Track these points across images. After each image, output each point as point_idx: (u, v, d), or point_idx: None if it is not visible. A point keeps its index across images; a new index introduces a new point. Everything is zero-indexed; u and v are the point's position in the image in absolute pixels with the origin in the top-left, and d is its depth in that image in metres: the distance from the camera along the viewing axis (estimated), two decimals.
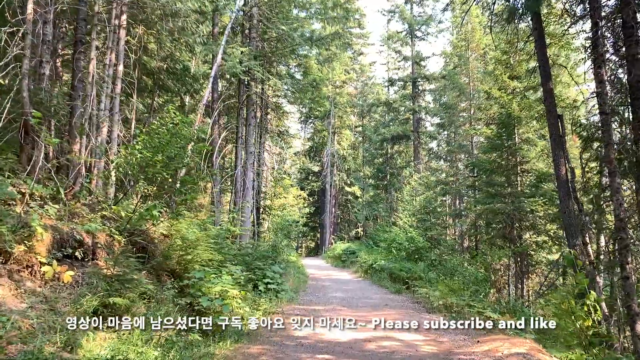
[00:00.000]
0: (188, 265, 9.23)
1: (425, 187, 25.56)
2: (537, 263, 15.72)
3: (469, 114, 24.28)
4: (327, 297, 13.59)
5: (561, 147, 13.42)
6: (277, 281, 12.26)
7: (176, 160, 8.67)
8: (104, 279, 6.47)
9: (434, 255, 18.54)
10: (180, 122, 9.60)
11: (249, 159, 15.54)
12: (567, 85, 20.75)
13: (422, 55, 36.66)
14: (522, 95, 19.29)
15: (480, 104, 22.07)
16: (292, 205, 26.61)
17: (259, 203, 20.49)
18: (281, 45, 16.98)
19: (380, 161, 38.76)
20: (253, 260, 12.61)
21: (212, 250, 10.12)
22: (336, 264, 27.63)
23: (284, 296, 12.17)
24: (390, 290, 15.40)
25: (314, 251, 48.57)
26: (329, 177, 41.26)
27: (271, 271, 12.39)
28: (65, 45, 13.02)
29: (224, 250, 10.86)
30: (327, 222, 40.69)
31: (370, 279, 18.97)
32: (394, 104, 36.75)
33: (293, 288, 14.91)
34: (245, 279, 10.58)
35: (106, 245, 7.97)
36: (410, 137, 35.56)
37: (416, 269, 16.20)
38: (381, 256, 21.17)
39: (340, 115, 42.78)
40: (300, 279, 16.85)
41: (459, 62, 25.89)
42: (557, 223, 14.58)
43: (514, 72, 20.35)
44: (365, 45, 48.27)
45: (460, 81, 24.77)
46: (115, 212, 8.57)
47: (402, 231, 22.80)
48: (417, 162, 34.77)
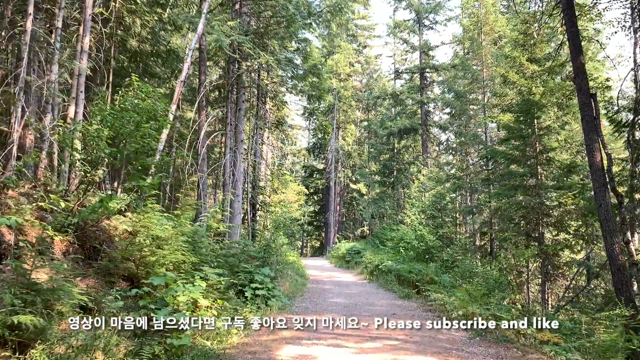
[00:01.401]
0: (151, 268, 7.52)
1: (435, 181, 23.73)
2: (565, 264, 13.87)
3: (483, 102, 22.42)
4: (326, 304, 11.84)
5: (595, 130, 11.62)
6: (267, 286, 10.52)
7: (132, 137, 6.96)
8: (9, 289, 4.75)
9: (447, 255, 16.74)
10: (146, 96, 7.90)
11: (239, 148, 13.82)
12: (594, 67, 18.89)
13: (431, 45, 34.77)
14: (541, 80, 17.43)
15: (496, 90, 20.21)
16: (292, 201, 24.89)
17: (254, 199, 18.77)
18: (275, 21, 15.25)
19: (386, 157, 36.84)
20: (240, 262, 10.89)
21: (184, 250, 8.41)
22: (340, 264, 25.87)
23: (275, 303, 10.44)
24: (399, 294, 13.64)
25: (319, 251, 46.79)
26: (333, 173, 39.48)
27: (261, 274, 10.65)
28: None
29: (202, 251, 9.16)
30: (332, 220, 38.91)
31: (376, 281, 17.21)
32: (401, 95, 34.85)
33: (289, 292, 13.18)
34: (226, 284, 8.86)
35: (38, 244, 6.26)
36: (418, 131, 33.65)
37: (427, 270, 14.42)
38: (388, 256, 19.40)
39: (344, 110, 40.97)
40: (298, 282, 15.11)
41: (471, 46, 24.01)
42: (591, 218, 12.72)
43: (533, 54, 18.55)
44: (370, 38, 46.48)
45: (473, 67, 22.91)
46: (55, 203, 6.88)
47: (411, 229, 21.03)
48: (426, 156, 32.91)
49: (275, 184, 19.87)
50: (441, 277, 13.43)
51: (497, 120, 18.67)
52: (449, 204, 23.68)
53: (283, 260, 18.18)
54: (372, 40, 46.83)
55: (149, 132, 7.66)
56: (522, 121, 14.88)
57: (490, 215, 21.30)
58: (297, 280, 15.24)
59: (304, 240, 56.19)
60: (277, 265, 14.69)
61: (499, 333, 7.99)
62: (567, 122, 18.81)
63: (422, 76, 34.94)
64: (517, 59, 18.42)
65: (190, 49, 10.93)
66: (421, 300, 12.49)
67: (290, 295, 13.03)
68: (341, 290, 15.08)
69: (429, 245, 18.14)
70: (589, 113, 11.66)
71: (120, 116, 7.19)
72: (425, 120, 33.94)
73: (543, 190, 13.23)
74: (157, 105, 7.66)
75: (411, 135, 35.31)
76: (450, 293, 11.40)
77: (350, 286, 16.41)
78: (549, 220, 13.56)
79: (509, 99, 18.94)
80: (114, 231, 8.56)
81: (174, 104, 10.53)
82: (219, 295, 8.34)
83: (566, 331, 7.62)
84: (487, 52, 22.47)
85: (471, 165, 24.67)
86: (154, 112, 7.61)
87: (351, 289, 15.40)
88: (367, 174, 39.56)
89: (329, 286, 16.23)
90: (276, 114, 22.60)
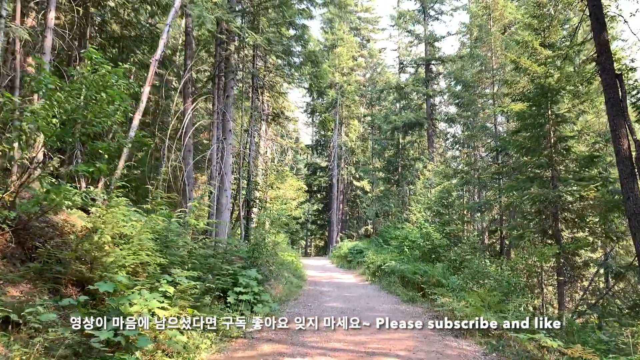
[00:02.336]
0: (108, 271, 6.35)
1: (442, 176, 22.45)
2: (585, 264, 12.58)
3: (492, 91, 21.12)
4: (321, 310, 10.65)
5: (621, 115, 10.37)
6: (252, 290, 9.34)
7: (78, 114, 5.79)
8: None
9: (454, 255, 15.48)
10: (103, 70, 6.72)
11: (227, 138, 12.64)
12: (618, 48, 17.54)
13: (437, 36, 33.45)
14: (555, 66, 16.12)
15: (506, 78, 18.91)
16: (291, 198, 23.67)
17: (249, 195, 17.60)
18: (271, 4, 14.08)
19: (391, 153, 35.50)
20: (223, 262, 9.71)
21: (152, 249, 7.25)
22: (341, 264, 24.65)
23: (262, 310, 9.26)
24: (402, 298, 12.43)
25: (323, 250, 45.51)
26: (336, 170, 38.25)
27: (246, 277, 9.47)
28: None
29: (175, 251, 7.98)
30: (334, 219, 37.68)
31: (378, 283, 16.00)
32: (406, 88, 33.50)
33: (282, 296, 12.00)
34: (201, 289, 7.68)
35: None
36: (423, 125, 32.32)
37: (434, 271, 13.19)
38: (391, 256, 18.17)
39: (347, 105, 39.68)
40: (293, 285, 13.93)
41: (479, 34, 22.70)
42: (615, 212, 11.42)
43: (547, 38, 17.28)
44: (374, 31, 45.24)
45: (482, 54, 21.61)
46: None
47: (416, 227, 19.79)
48: (432, 150, 31.62)
49: (271, 179, 18.64)
50: (449, 278, 12.20)
51: (508, 109, 17.40)
52: (456, 200, 22.40)
53: (278, 260, 17.01)
54: (376, 33, 45.57)
55: (106, 112, 6.48)
56: (536, 108, 13.59)
57: (501, 212, 20.02)
58: (292, 283, 14.07)
59: (307, 239, 55.00)
60: (270, 265, 13.52)
61: (519, 347, 6.77)
62: (583, 111, 17.53)
63: (427, 68, 33.65)
64: (530, 43, 17.17)
65: (166, 24, 9.75)
66: (427, 304, 11.27)
67: (283, 299, 11.85)
68: (340, 293, 13.88)
69: (435, 244, 16.91)
70: (613, 95, 10.44)
71: (69, 90, 6.03)
72: (431, 114, 32.65)
73: (561, 183, 11.93)
74: (116, 79, 6.47)
75: (416, 130, 33.98)
76: (460, 297, 10.18)
77: (350, 288, 15.22)
78: (567, 215, 12.27)
79: (520, 86, 17.66)
80: (70, 228, 7.41)
81: (147, 85, 9.36)
82: (190, 302, 7.17)
83: (601, 345, 6.39)
84: (497, 39, 21.17)
85: (479, 160, 23.37)
86: (112, 88, 6.43)
87: (351, 292, 14.21)
88: (371, 170, 38.30)
89: (327, 288, 15.04)
90: (273, 105, 21.40)
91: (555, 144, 12.85)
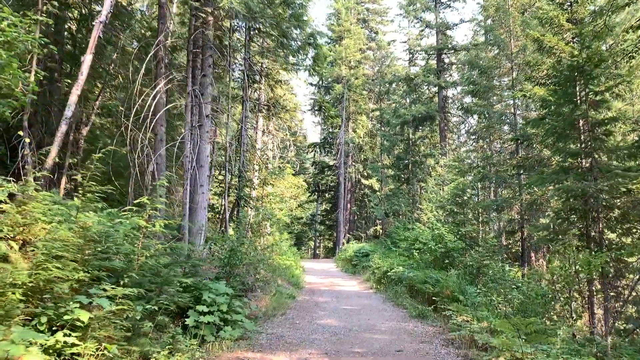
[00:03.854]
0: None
1: (455, 172, 20.38)
2: (630, 271, 10.48)
3: (512, 77, 19.01)
4: (311, 329, 8.71)
5: None
6: (220, 308, 7.44)
7: None
8: None
9: (471, 260, 13.44)
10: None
11: (203, 125, 10.78)
12: None
13: (449, 23, 31.33)
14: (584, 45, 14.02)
15: (528, 60, 16.80)
16: (289, 196, 21.79)
17: (239, 192, 15.74)
18: None
19: (400, 149, 33.33)
20: (184, 275, 7.83)
21: (72, 259, 5.40)
22: (346, 268, 22.69)
23: (231, 333, 7.35)
24: (410, 312, 10.44)
25: (332, 252, 43.51)
26: (343, 168, 36.28)
27: (212, 292, 7.57)
28: None
29: (105, 262, 6.08)
30: (341, 219, 35.71)
31: (383, 292, 14.04)
32: (416, 79, 31.38)
33: (267, 310, 10.08)
34: (141, 312, 5.78)
35: None
36: (435, 119, 30.15)
37: (447, 280, 11.17)
38: (399, 260, 16.20)
39: (355, 100, 37.68)
40: (283, 295, 11.99)
41: (497, 14, 20.60)
42: None
43: (573, 13, 15.24)
44: (383, 23, 43.24)
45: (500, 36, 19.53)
46: None
47: (428, 228, 17.79)
48: (444, 144, 29.50)
49: (263, 174, 16.75)
50: (466, 290, 10.18)
51: (531, 93, 15.31)
52: (471, 198, 20.32)
53: (272, 265, 15.12)
54: (385, 25, 43.56)
55: None
56: (568, 87, 11.53)
57: (522, 210, 17.93)
58: (282, 293, 12.13)
59: (317, 240, 53.01)
60: (256, 274, 11.62)
61: None
62: (618, 94, 15.41)
63: (439, 58, 31.55)
64: (556, 19, 15.14)
65: None
66: (439, 322, 9.27)
67: (268, 313, 9.93)
68: (338, 304, 11.94)
69: (448, 247, 14.88)
70: None
71: None
72: (444, 107, 30.54)
73: (603, 174, 9.83)
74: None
75: (427, 124, 31.85)
76: (481, 314, 8.20)
77: (351, 298, 13.28)
78: (611, 214, 10.20)
79: (545, 68, 15.59)
80: None
81: (89, 52, 7.54)
82: (120, 332, 5.28)
83: None
84: (516, 19, 19.09)
85: (496, 154, 21.27)
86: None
87: (352, 303, 12.26)
88: (380, 168, 36.23)
89: (325, 298, 13.11)
90: (269, 95, 19.52)
91: (593, 127, 10.78)
